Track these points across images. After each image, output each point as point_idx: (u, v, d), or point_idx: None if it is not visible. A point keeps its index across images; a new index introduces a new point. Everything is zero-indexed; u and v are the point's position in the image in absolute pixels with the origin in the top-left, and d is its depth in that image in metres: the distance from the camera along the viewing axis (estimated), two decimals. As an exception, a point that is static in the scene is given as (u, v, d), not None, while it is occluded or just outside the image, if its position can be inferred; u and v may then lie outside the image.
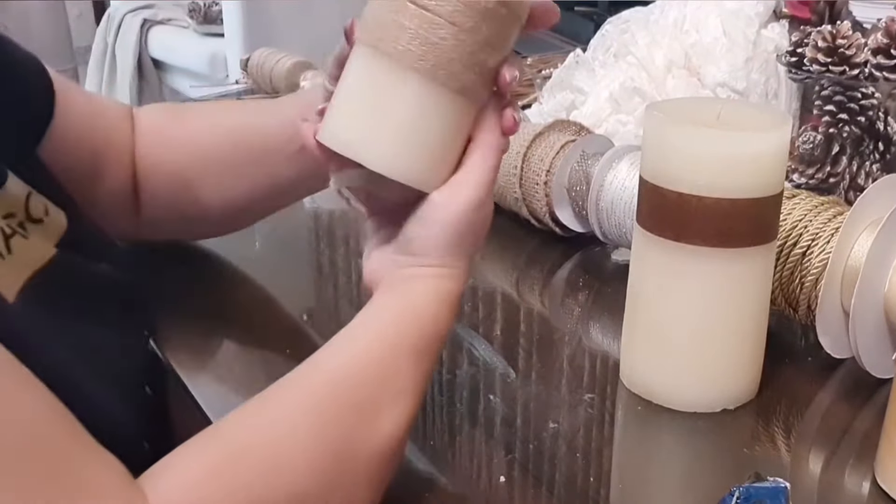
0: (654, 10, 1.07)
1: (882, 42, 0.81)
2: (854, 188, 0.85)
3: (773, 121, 0.62)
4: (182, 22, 2.81)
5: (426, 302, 0.54)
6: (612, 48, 1.05)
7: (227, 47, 2.49)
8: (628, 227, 0.79)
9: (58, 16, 2.97)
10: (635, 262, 0.65)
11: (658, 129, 0.61)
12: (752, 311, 0.63)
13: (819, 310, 0.65)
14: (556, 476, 0.58)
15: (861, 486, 0.57)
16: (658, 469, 0.61)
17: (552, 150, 0.87)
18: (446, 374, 0.67)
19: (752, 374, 0.65)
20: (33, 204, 0.58)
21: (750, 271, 0.62)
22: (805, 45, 0.84)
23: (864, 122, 0.83)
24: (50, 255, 0.57)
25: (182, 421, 0.67)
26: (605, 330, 0.76)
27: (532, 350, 0.72)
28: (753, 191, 0.59)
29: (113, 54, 2.88)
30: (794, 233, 0.68)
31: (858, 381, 0.66)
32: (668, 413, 0.63)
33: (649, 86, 0.99)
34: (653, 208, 0.62)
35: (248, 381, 0.66)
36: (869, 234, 0.64)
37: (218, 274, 0.82)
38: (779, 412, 0.65)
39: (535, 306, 0.81)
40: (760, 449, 0.61)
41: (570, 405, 0.64)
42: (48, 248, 0.58)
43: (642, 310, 0.65)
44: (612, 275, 0.83)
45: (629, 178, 0.80)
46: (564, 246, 0.88)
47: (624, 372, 0.67)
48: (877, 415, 0.60)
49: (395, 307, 0.54)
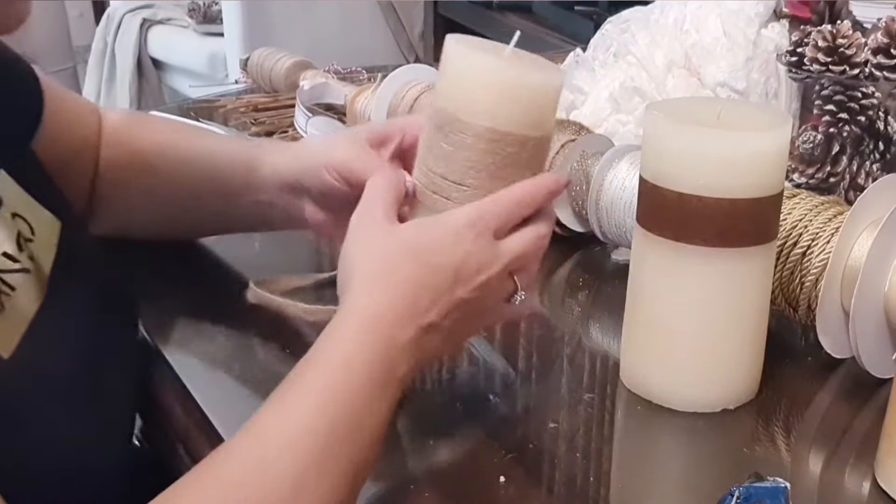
0: (654, 9, 1.06)
1: (882, 42, 0.81)
2: (854, 188, 0.85)
3: (773, 121, 0.62)
4: (182, 22, 2.81)
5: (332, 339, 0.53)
6: (612, 48, 1.05)
7: (227, 47, 2.49)
8: (628, 226, 0.79)
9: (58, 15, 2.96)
10: (635, 262, 0.65)
11: (658, 129, 0.61)
12: (752, 311, 0.63)
13: (819, 310, 0.65)
14: (556, 476, 0.58)
15: (861, 486, 0.57)
16: (658, 469, 0.61)
17: (552, 149, 0.87)
18: (446, 374, 0.67)
19: (752, 374, 0.65)
20: (20, 225, 0.58)
21: (750, 271, 0.62)
22: (805, 45, 0.84)
23: (864, 122, 0.83)
24: (40, 301, 0.56)
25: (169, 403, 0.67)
26: (605, 330, 0.76)
27: (532, 350, 0.72)
28: (753, 191, 0.59)
29: (112, 54, 2.88)
30: (794, 233, 0.68)
31: (858, 381, 0.66)
32: (668, 413, 0.63)
33: (649, 86, 0.99)
34: (653, 208, 0.62)
35: (245, 380, 0.66)
36: (869, 234, 0.64)
37: (216, 272, 0.82)
38: (779, 412, 0.65)
39: (536, 306, 0.81)
40: (760, 449, 0.61)
41: (570, 405, 0.64)
42: (41, 288, 0.57)
43: (642, 310, 0.64)
44: (612, 275, 0.83)
45: (629, 177, 0.80)
46: (564, 246, 0.88)
47: (624, 372, 0.67)
48: (877, 415, 0.60)
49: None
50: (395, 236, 0.55)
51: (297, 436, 0.48)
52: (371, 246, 0.55)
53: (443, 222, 0.55)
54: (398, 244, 0.54)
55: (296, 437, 0.48)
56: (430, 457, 0.59)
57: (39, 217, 0.60)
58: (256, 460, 0.47)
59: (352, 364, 0.51)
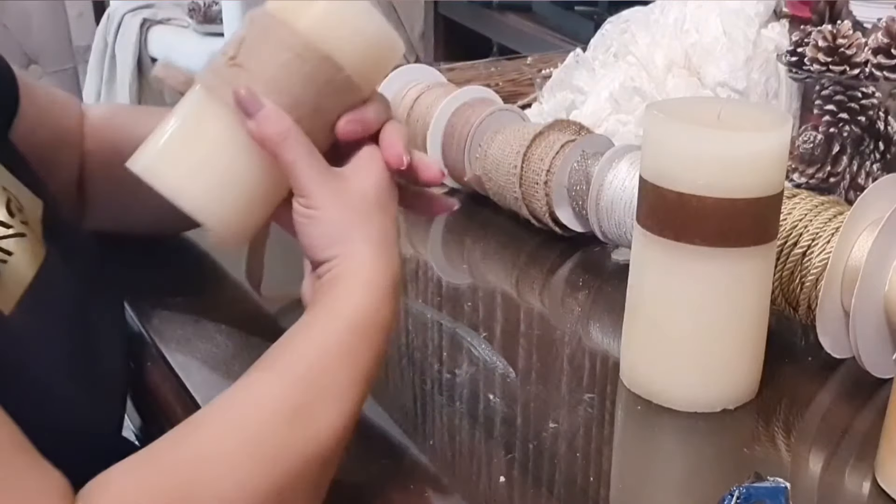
0: (654, 9, 1.06)
1: (882, 41, 0.81)
2: (854, 188, 0.85)
3: (773, 121, 0.62)
4: (182, 21, 2.81)
5: (342, 295, 0.54)
6: (612, 48, 1.05)
7: (227, 47, 2.50)
8: (628, 226, 0.79)
9: (58, 15, 2.96)
10: (635, 262, 0.65)
11: (658, 128, 0.61)
12: (752, 310, 0.63)
13: (819, 310, 0.65)
14: (556, 476, 0.58)
15: (861, 486, 0.57)
16: (658, 469, 0.61)
17: (552, 149, 0.87)
18: (446, 374, 0.67)
19: (752, 374, 0.65)
20: (10, 195, 0.58)
21: (750, 271, 0.62)
22: (805, 45, 0.84)
23: (864, 122, 0.83)
24: (38, 265, 0.57)
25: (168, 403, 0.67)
26: (605, 330, 0.76)
27: (532, 350, 0.72)
28: (753, 191, 0.59)
29: (113, 54, 2.88)
30: (795, 233, 0.68)
31: (858, 381, 0.66)
32: (668, 413, 0.63)
33: (649, 86, 0.99)
34: (653, 208, 0.62)
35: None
36: (869, 234, 0.64)
37: (216, 272, 0.82)
38: (779, 412, 0.65)
39: (535, 306, 0.81)
40: (760, 449, 0.61)
41: (570, 405, 0.64)
42: (38, 252, 0.58)
43: (642, 310, 0.64)
44: (612, 275, 0.83)
45: (629, 177, 0.80)
46: (564, 246, 0.88)
47: (624, 372, 0.67)
48: (877, 415, 0.60)
49: (316, 313, 0.54)
50: (362, 195, 0.57)
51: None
52: (350, 208, 0.56)
53: (375, 169, 0.57)
54: (368, 202, 0.57)
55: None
56: (430, 457, 0.59)
57: (23, 195, 0.60)
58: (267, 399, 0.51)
59: (354, 314, 0.54)
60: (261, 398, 0.51)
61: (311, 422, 0.50)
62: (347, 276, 0.55)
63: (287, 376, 0.51)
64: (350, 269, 0.55)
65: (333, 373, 0.52)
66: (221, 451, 0.48)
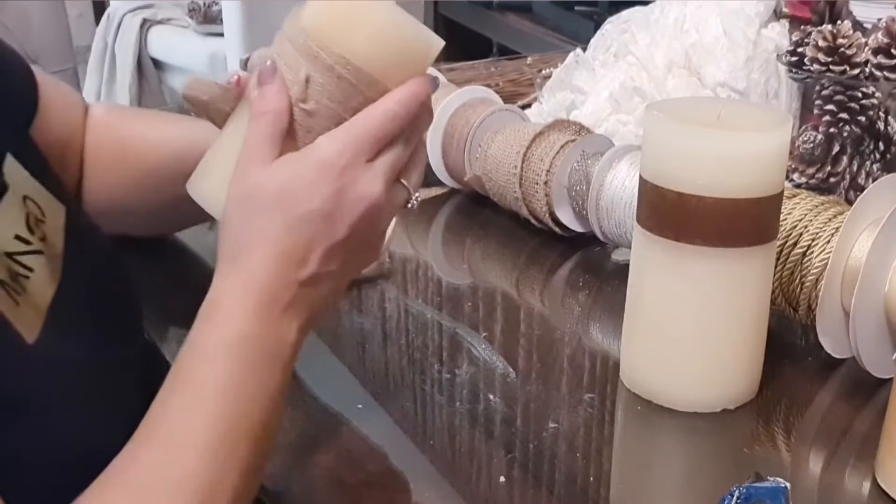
0: (654, 9, 1.07)
1: (882, 42, 0.81)
2: (854, 188, 0.85)
3: (773, 121, 0.62)
4: (182, 22, 2.81)
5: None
6: (612, 48, 1.05)
7: (227, 47, 2.49)
8: (628, 226, 0.79)
9: (58, 16, 2.97)
10: (635, 262, 0.65)
11: (658, 128, 0.61)
12: (752, 310, 0.63)
13: (819, 310, 0.65)
14: (556, 476, 0.58)
15: (861, 486, 0.57)
16: (658, 469, 0.61)
17: (552, 149, 0.87)
18: (446, 374, 0.67)
19: (752, 374, 0.65)
20: (30, 207, 0.58)
21: (750, 271, 0.62)
22: (805, 45, 0.84)
23: (864, 122, 0.83)
24: (57, 283, 0.57)
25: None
26: (605, 330, 0.76)
27: (532, 350, 0.72)
28: (753, 191, 0.59)
29: (112, 54, 2.88)
30: (795, 233, 0.68)
31: (858, 381, 0.66)
32: (668, 413, 0.63)
33: (649, 86, 0.99)
34: (653, 208, 0.62)
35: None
36: (869, 234, 0.64)
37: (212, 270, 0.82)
38: (779, 412, 0.65)
39: (535, 306, 0.81)
40: (760, 449, 0.61)
41: (570, 405, 0.64)
42: (56, 269, 0.57)
43: (642, 309, 0.65)
44: (612, 275, 0.83)
45: (629, 177, 0.80)
46: (564, 246, 0.88)
47: (624, 372, 0.67)
48: (877, 415, 0.60)
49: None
50: (262, 190, 0.52)
51: (196, 429, 0.50)
52: (242, 205, 0.53)
53: (306, 161, 0.52)
54: (266, 200, 0.52)
55: (195, 431, 0.50)
56: (430, 457, 0.59)
57: (47, 201, 0.60)
58: (165, 462, 0.49)
59: (241, 343, 0.51)
60: (218, 400, 0.51)
61: (261, 401, 0.51)
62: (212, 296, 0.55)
63: (229, 378, 0.51)
64: (215, 294, 0.55)
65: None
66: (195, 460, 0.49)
